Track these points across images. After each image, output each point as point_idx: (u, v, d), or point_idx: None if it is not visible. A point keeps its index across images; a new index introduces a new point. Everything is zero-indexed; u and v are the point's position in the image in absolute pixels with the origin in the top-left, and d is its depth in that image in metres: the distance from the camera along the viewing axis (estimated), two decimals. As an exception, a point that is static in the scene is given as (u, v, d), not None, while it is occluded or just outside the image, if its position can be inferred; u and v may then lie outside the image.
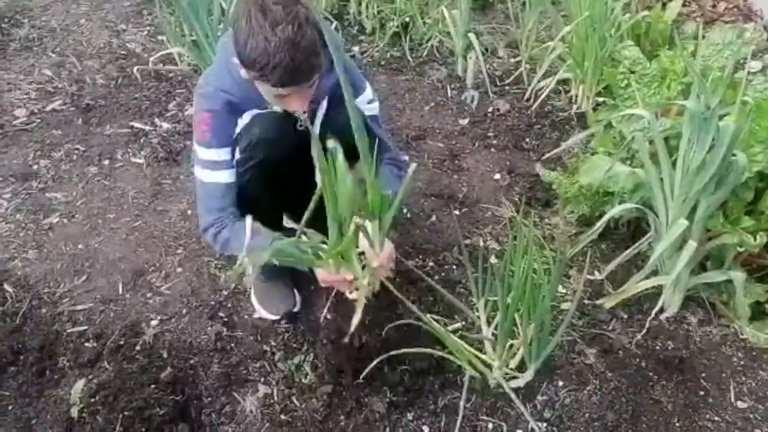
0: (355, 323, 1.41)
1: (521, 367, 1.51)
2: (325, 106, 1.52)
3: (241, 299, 1.78)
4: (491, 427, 1.49)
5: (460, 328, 1.69)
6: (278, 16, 1.21)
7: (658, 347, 1.67)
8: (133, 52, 2.93)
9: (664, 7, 2.70)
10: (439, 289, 1.55)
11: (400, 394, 1.52)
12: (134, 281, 1.83)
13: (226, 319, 1.72)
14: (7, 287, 1.79)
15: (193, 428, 1.47)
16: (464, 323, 1.71)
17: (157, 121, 2.45)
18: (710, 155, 1.47)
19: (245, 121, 1.45)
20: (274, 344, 1.66)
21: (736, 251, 1.64)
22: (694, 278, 1.71)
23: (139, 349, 1.63)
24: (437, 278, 1.84)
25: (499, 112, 2.56)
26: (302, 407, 1.51)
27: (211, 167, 1.47)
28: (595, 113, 2.17)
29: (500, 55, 2.95)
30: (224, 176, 1.48)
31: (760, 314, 1.71)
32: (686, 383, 1.58)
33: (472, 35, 2.67)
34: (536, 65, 2.67)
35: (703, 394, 1.56)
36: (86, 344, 1.64)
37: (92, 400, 1.48)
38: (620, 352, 1.65)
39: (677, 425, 1.49)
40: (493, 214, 2.09)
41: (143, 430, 1.41)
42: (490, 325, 1.60)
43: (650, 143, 1.67)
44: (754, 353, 1.65)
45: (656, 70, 1.82)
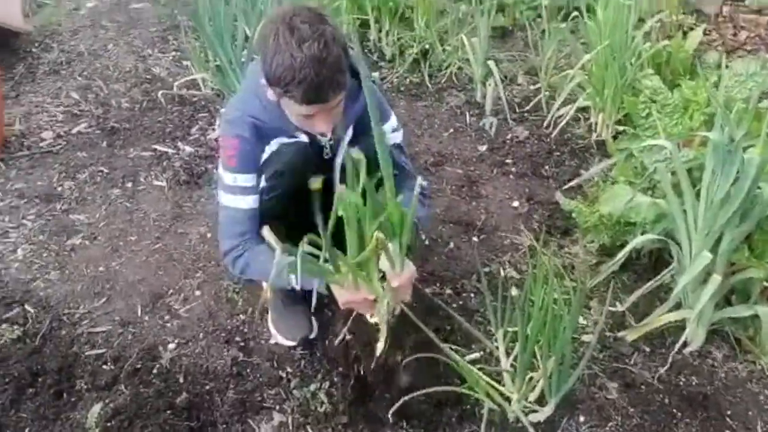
0: (380, 348, 1.40)
1: (541, 400, 1.48)
2: (350, 134, 1.53)
3: (258, 324, 1.77)
4: (510, 461, 1.46)
5: (478, 358, 1.67)
6: (305, 33, 1.24)
7: (681, 383, 1.63)
8: (158, 76, 2.99)
9: (684, 36, 2.69)
10: (457, 318, 1.54)
11: (417, 426, 1.50)
12: (153, 304, 1.84)
13: (242, 344, 1.72)
14: (28, 308, 1.80)
15: (207, 455, 1.46)
16: (482, 353, 1.69)
17: (179, 144, 2.49)
18: (735, 188, 1.45)
19: (272, 148, 1.46)
20: (290, 371, 1.65)
21: (762, 285, 1.61)
22: (718, 312, 1.67)
23: (155, 372, 1.63)
24: (455, 306, 1.82)
25: (518, 138, 2.56)
26: (317, 436, 1.50)
27: (235, 192, 1.48)
28: (615, 142, 2.16)
29: (519, 82, 2.96)
30: (248, 202, 1.49)
31: (787, 350, 1.67)
32: (711, 421, 1.53)
33: (491, 62, 2.69)
34: (555, 93, 2.68)
35: (728, 432, 1.52)
36: (104, 367, 1.64)
37: (108, 424, 1.48)
38: (643, 387, 1.62)
39: (702, 465, 1.45)
40: (512, 242, 2.08)
41: (158, 456, 1.41)
42: (509, 356, 1.58)
43: (672, 174, 1.66)
44: (781, 391, 1.61)
45: (678, 100, 1.81)
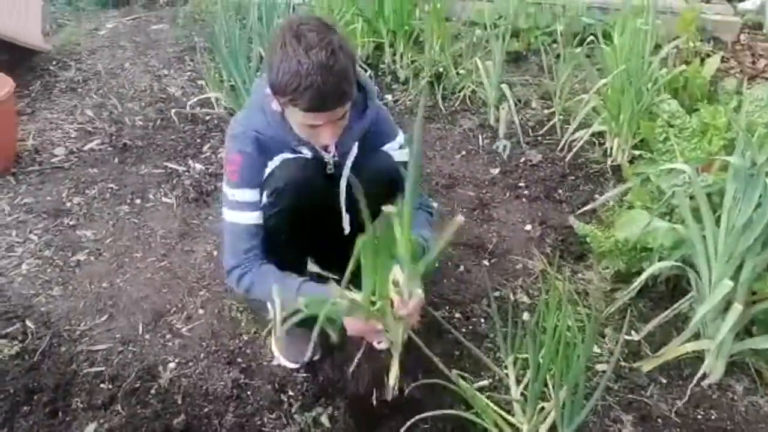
0: (393, 377, 1.35)
1: (552, 432, 1.41)
2: (355, 151, 1.50)
3: (260, 345, 1.73)
4: (518, 496, 1.39)
5: (486, 386, 1.61)
6: (312, 41, 1.23)
7: (700, 416, 1.55)
8: (172, 96, 3.00)
9: (702, 63, 2.65)
10: (466, 343, 1.49)
11: (421, 455, 1.44)
12: (155, 322, 1.80)
13: (244, 365, 1.67)
14: (29, 323, 1.78)
15: (203, 481, 1.41)
16: (492, 381, 1.63)
17: (190, 162, 2.48)
18: (757, 213, 1.39)
19: (275, 164, 1.44)
20: (291, 394, 1.60)
21: (786, 316, 1.54)
22: (739, 343, 1.60)
23: (154, 393, 1.58)
24: (464, 331, 1.77)
25: (531, 162, 2.52)
26: (318, 464, 1.44)
27: (239, 208, 1.46)
28: (631, 166, 2.11)
29: (533, 106, 2.93)
30: (252, 218, 1.46)
31: (812, 386, 1.59)
32: (732, 458, 1.46)
33: (504, 86, 2.67)
34: (570, 117, 2.65)
35: (751, 471, 1.43)
36: (101, 386, 1.60)
37: (102, 445, 1.43)
38: (659, 420, 1.54)
39: (724, 506, 1.36)
40: (524, 266, 2.02)
41: (152, 480, 1.36)
42: (519, 384, 1.51)
43: (691, 199, 1.61)
44: (807, 428, 1.52)
45: (696, 124, 1.77)
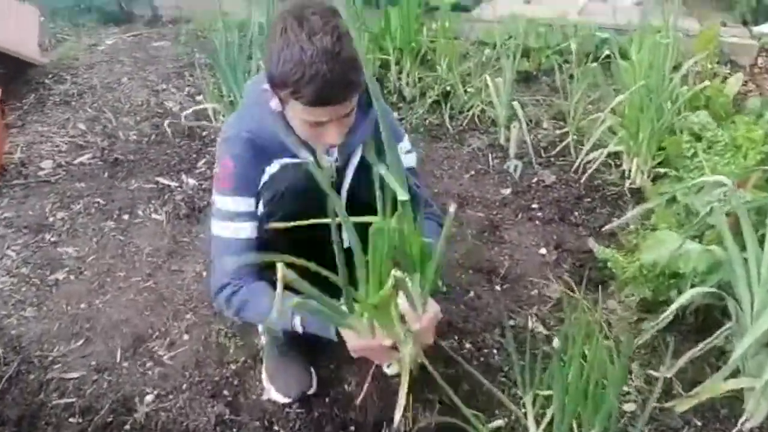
0: (399, 410, 1.19)
1: (577, 481, 1.24)
2: (359, 154, 1.36)
3: (250, 375, 1.56)
4: None
5: (502, 426, 1.43)
6: (316, 26, 1.09)
7: (742, 465, 1.38)
8: (169, 110, 2.89)
9: (723, 81, 2.53)
10: (478, 377, 1.32)
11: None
12: (135, 348, 1.64)
13: (230, 398, 1.50)
14: (-3, 347, 1.62)
15: None
16: (508, 420, 1.46)
17: (184, 177, 2.35)
18: (808, 233, 1.24)
19: (272, 170, 1.30)
20: (282, 432, 1.43)
21: (838, 352, 1.37)
22: (785, 382, 1.42)
23: (128, 428, 1.41)
24: (476, 364, 1.60)
25: (544, 183, 2.38)
26: None
27: (230, 219, 1.31)
28: (655, 186, 1.97)
29: (545, 126, 2.80)
30: (245, 230, 1.31)
31: None
32: None
33: (516, 104, 2.54)
34: (584, 138, 2.52)
35: None
36: (70, 420, 1.43)
37: (65, 488, 1.26)
38: (697, 468, 1.36)
39: None
40: (539, 292, 1.86)
41: None
42: (539, 425, 1.34)
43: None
44: None
45: (728, 138, 1.63)
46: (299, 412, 1.47)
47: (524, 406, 1.36)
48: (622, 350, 1.23)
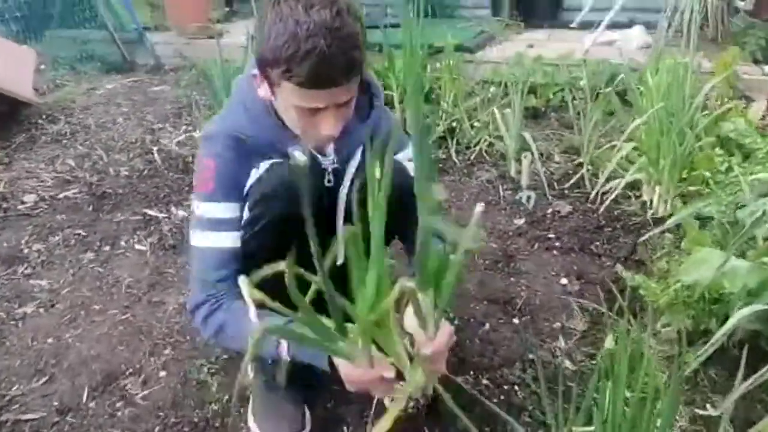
0: None
1: None
2: (358, 157, 1.21)
3: (234, 416, 1.35)
4: None
5: (530, 472, 1.21)
6: None
7: None
8: (164, 148, 2.78)
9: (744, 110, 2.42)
10: (506, 417, 1.11)
11: None
12: (104, 386, 1.44)
13: (210, 441, 1.29)
14: (-52, 385, 1.42)
15: None
16: (534, 467, 1.23)
17: (173, 209, 2.20)
18: None
19: (260, 171, 1.14)
20: (269, 482, 1.20)
21: None
22: None
23: (87, 477, 1.20)
24: (496, 401, 1.38)
25: (560, 213, 2.21)
26: None
27: (210, 227, 1.14)
28: (684, 206, 1.79)
29: (557, 160, 2.67)
30: (228, 239, 1.14)
31: None
32: None
33: (526, 134, 2.43)
34: (599, 170, 2.38)
35: None
36: (20, 466, 1.22)
37: None
38: None
39: None
40: (562, 325, 1.66)
41: None
42: (574, 470, 1.12)
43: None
44: None
45: (768, 146, 1.48)
46: (290, 458, 1.25)
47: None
48: (671, 384, 1.04)
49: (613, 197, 2.21)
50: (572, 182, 2.43)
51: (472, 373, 1.48)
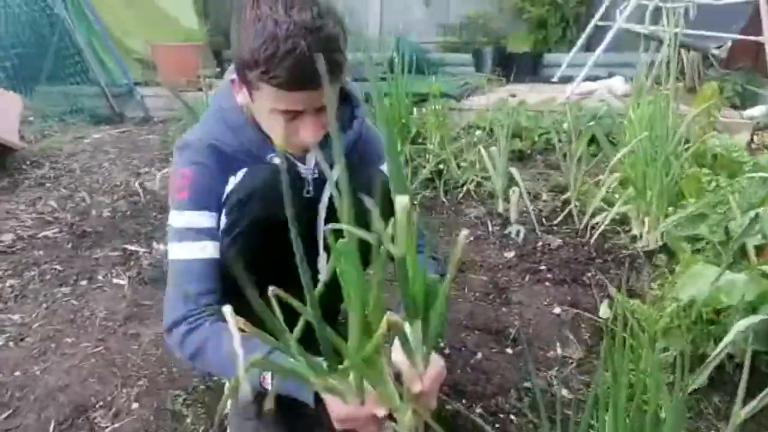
0: None
1: None
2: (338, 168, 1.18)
3: (211, 449, 1.26)
4: None
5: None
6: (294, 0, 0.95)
7: None
8: (148, 190, 2.75)
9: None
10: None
11: None
12: (72, 419, 1.33)
13: (184, 475, 1.19)
14: None
15: None
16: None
17: (154, 244, 2.14)
18: None
19: (238, 178, 1.11)
20: None
21: None
22: None
23: None
24: (490, 430, 1.30)
25: (550, 246, 2.18)
26: None
27: (187, 238, 1.09)
28: (676, 228, 1.77)
29: (544, 198, 2.67)
30: (206, 250, 1.09)
31: None
32: None
33: (514, 170, 2.43)
34: (586, 207, 2.37)
35: None
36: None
37: None
38: None
39: None
40: (557, 353, 1.60)
41: None
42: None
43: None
44: None
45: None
46: (269, 491, 1.15)
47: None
48: (673, 409, 0.99)
49: (602, 230, 2.19)
50: (560, 218, 2.42)
51: (463, 401, 1.40)
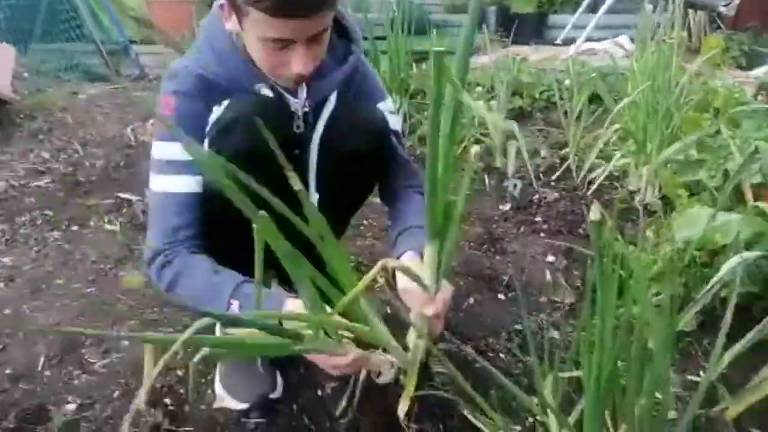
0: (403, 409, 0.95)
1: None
2: (333, 102, 1.16)
3: (201, 382, 1.26)
4: None
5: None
6: None
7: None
8: (142, 142, 2.72)
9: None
10: (498, 376, 1.02)
11: None
12: (62, 355, 1.34)
13: (172, 407, 1.19)
14: None
15: None
16: (522, 429, 1.14)
17: (148, 192, 2.12)
18: None
19: (222, 108, 1.08)
20: (235, 447, 1.11)
21: None
22: None
23: (33, 439, 1.09)
24: (477, 366, 1.30)
25: (546, 200, 2.16)
26: None
27: (169, 170, 1.06)
28: (673, 176, 1.74)
29: (543, 155, 2.64)
30: (187, 183, 1.07)
31: None
32: None
33: (512, 122, 2.39)
34: (585, 162, 2.34)
35: None
36: (-39, 429, 1.11)
37: None
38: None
39: None
40: (549, 299, 1.59)
41: None
42: (562, 426, 1.04)
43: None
44: None
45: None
46: (259, 422, 1.15)
47: (541, 413, 1.06)
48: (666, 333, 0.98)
49: (600, 184, 2.17)
50: (558, 173, 2.39)
51: (453, 342, 1.39)
